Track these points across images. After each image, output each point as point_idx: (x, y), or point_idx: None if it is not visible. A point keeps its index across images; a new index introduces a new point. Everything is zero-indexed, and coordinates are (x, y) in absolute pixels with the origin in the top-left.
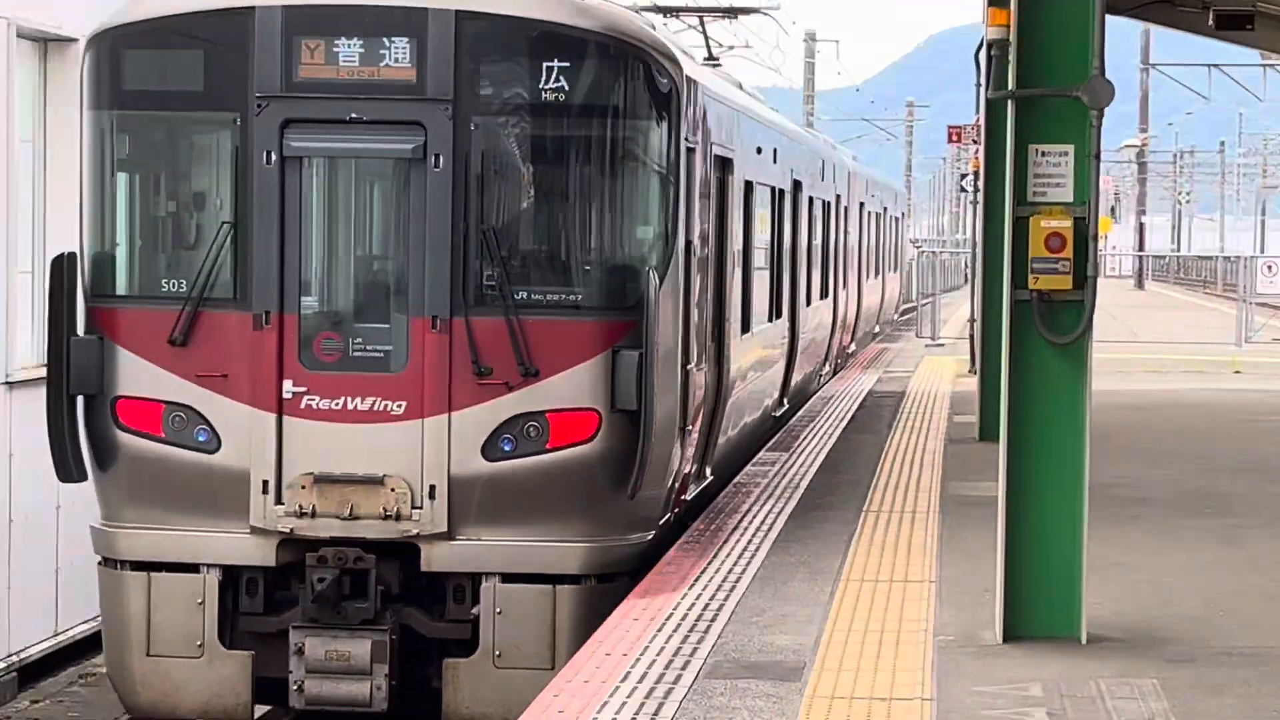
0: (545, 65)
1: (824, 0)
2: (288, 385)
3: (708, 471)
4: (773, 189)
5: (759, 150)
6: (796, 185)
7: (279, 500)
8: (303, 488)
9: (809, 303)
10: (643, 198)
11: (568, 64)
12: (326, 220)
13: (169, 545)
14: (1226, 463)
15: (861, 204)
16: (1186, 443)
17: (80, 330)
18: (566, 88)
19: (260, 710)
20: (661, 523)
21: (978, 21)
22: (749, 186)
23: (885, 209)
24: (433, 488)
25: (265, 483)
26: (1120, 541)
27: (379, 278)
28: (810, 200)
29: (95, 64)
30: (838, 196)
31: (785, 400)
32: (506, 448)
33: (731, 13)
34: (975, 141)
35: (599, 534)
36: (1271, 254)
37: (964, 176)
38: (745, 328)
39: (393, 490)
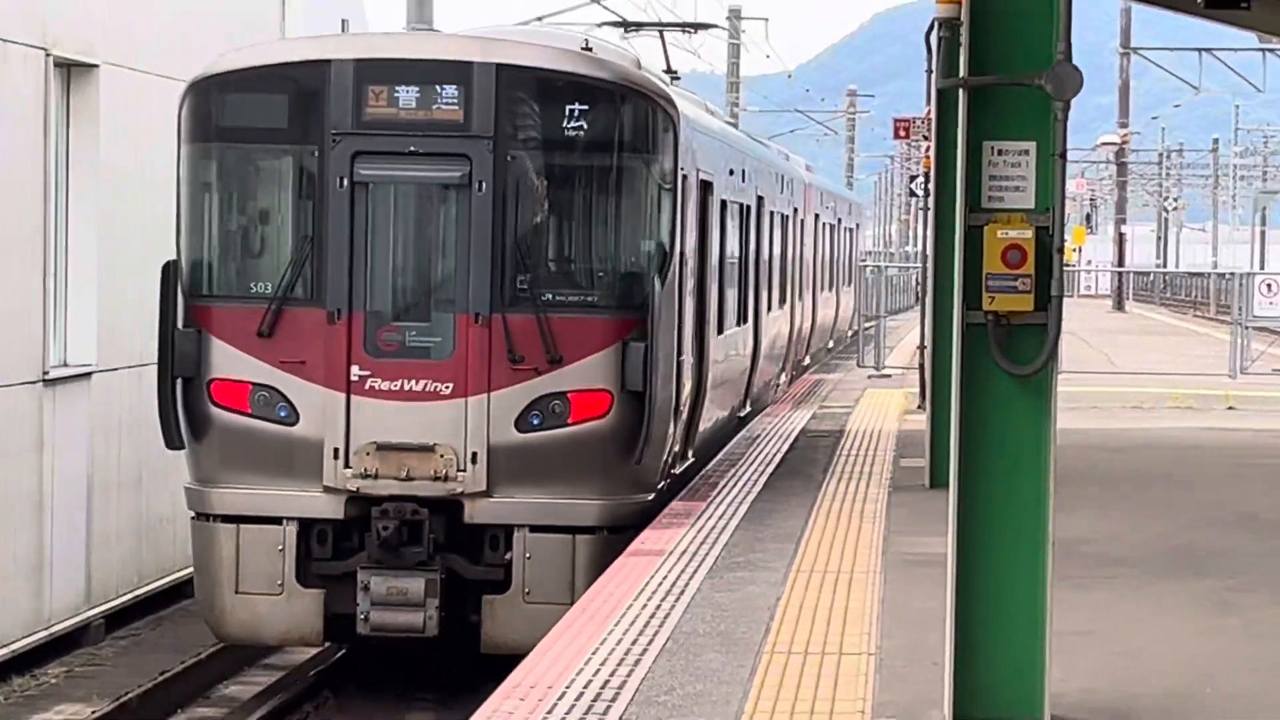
0: (568, 108)
1: None
2: (355, 370)
3: (690, 453)
4: (741, 205)
5: (731, 172)
6: (760, 201)
7: (347, 465)
8: (367, 454)
9: (769, 310)
10: (647, 217)
11: (586, 107)
12: (388, 234)
13: (254, 502)
14: (1217, 514)
15: (816, 215)
16: (1171, 491)
17: (180, 324)
18: (585, 126)
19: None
20: (659, 487)
21: None
22: (723, 204)
23: (839, 220)
24: (474, 454)
25: (336, 450)
26: (1091, 607)
27: (431, 282)
28: (771, 214)
29: (194, 105)
30: (795, 210)
31: (748, 402)
32: (535, 422)
33: (690, 28)
34: (925, 137)
35: (611, 493)
36: (1271, 271)
37: (913, 178)
38: (720, 329)
39: (441, 456)
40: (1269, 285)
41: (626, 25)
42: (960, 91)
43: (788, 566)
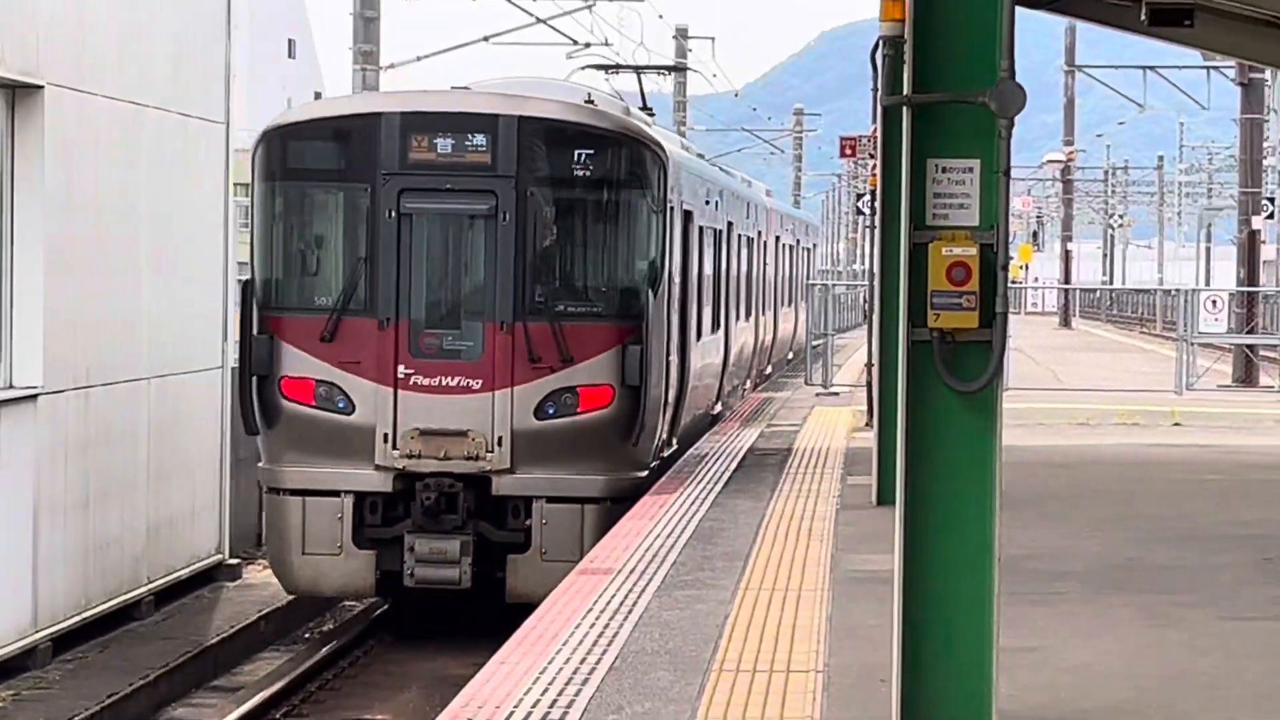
0: (576, 152)
1: None
2: (401, 368)
3: (674, 441)
4: (715, 230)
5: (707, 202)
6: (730, 226)
7: (395, 447)
8: (411, 438)
9: (738, 321)
10: (642, 241)
11: (591, 151)
12: (428, 256)
13: (317, 478)
14: (1163, 530)
15: (777, 237)
16: (1117, 506)
17: (256, 331)
18: (591, 167)
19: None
20: (651, 466)
21: (874, 17)
22: (701, 230)
23: (798, 241)
24: (500, 438)
25: (385, 435)
26: (1037, 623)
27: (463, 295)
28: (739, 237)
29: (266, 150)
30: (759, 233)
31: (719, 402)
32: (550, 411)
33: (664, 70)
34: (872, 155)
35: (612, 471)
36: (1216, 287)
37: (860, 196)
38: (698, 335)
39: (473, 440)
40: (1214, 301)
41: (608, 69)
42: (904, 109)
43: (736, 584)
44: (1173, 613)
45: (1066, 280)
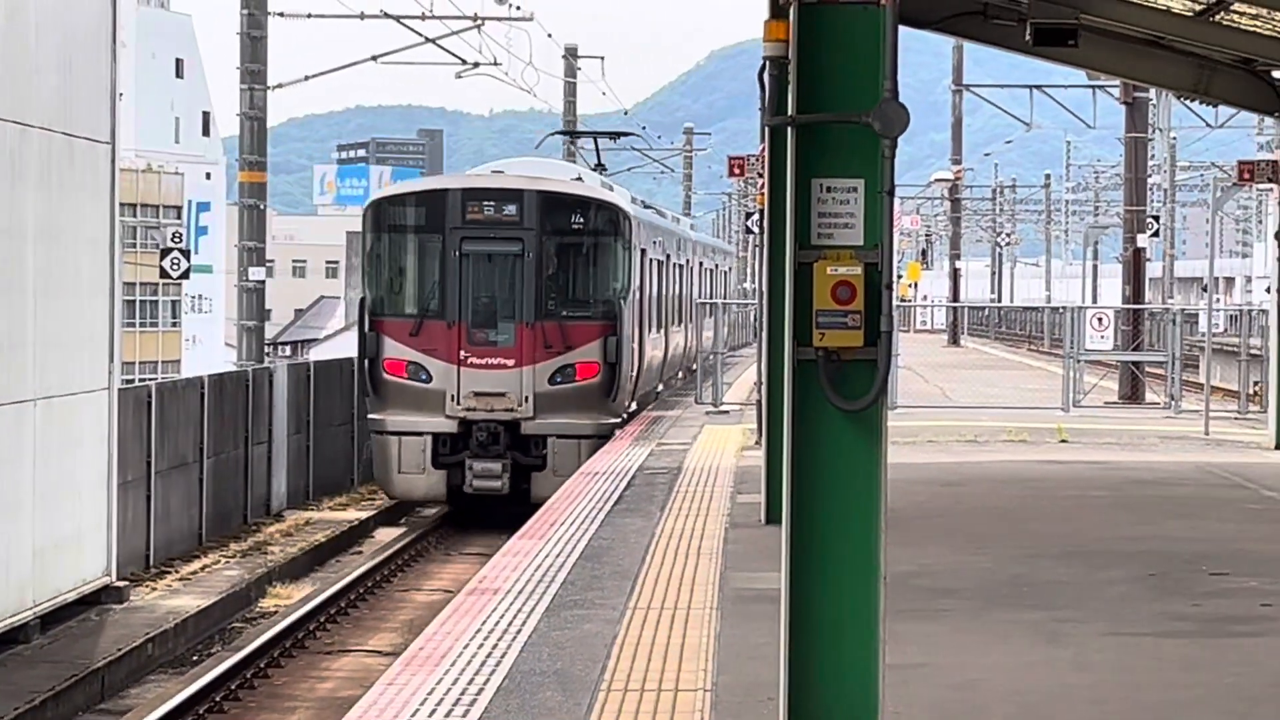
0: (573, 212)
1: (585, 8)
2: (462, 353)
3: (634, 403)
4: (659, 260)
5: (654, 241)
6: (667, 257)
7: (458, 403)
8: (469, 397)
9: (674, 326)
10: (616, 269)
11: (582, 212)
12: (480, 280)
13: (408, 424)
14: (1049, 546)
15: (700, 263)
16: (1004, 523)
17: (367, 330)
18: (583, 222)
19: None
20: (623, 416)
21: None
22: (651, 261)
23: (716, 265)
24: (527, 397)
25: (452, 395)
26: (924, 640)
27: (502, 305)
28: (674, 265)
29: (375, 213)
30: (687, 260)
31: (661, 382)
32: (558, 380)
33: (614, 135)
34: (760, 175)
35: (599, 418)
36: (1102, 304)
37: (749, 215)
38: (650, 331)
39: (509, 398)
40: (1100, 319)
41: (573, 134)
42: (789, 129)
43: (625, 603)
44: (1059, 629)
45: (955, 298)
